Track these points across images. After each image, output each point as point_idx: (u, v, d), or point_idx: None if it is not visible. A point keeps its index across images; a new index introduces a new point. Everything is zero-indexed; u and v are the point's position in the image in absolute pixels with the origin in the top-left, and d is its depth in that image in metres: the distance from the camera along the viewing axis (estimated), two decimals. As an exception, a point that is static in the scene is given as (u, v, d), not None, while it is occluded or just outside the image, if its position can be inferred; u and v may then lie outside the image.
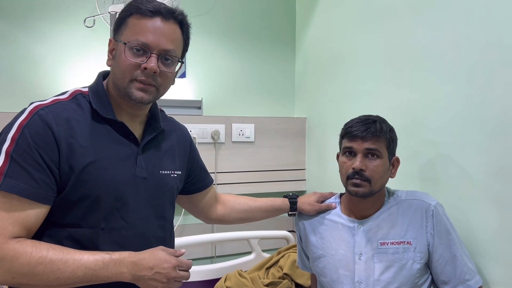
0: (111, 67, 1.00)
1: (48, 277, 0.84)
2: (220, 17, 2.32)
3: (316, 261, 1.32)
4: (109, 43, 1.01)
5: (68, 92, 0.99)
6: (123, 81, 0.95)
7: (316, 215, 1.35)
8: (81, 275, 0.86)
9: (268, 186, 2.29)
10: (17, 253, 0.83)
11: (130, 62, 0.94)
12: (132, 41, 0.94)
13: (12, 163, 0.85)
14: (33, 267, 0.83)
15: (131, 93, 0.95)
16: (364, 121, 1.21)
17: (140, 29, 0.94)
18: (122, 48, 0.95)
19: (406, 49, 1.59)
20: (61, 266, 0.85)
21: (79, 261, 0.87)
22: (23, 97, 1.90)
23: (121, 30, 0.98)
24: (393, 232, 1.21)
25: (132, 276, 0.91)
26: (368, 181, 1.18)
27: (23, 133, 0.86)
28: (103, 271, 0.88)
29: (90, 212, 0.93)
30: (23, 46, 1.95)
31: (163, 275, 0.93)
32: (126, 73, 0.95)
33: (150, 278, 0.92)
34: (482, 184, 1.27)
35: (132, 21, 0.96)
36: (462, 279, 1.18)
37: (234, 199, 1.37)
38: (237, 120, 2.24)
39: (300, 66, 2.47)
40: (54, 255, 0.85)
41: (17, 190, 0.84)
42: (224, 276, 1.79)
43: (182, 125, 1.24)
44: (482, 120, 1.27)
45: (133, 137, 1.01)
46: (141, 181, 1.01)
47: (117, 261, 0.90)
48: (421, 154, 1.51)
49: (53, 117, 0.90)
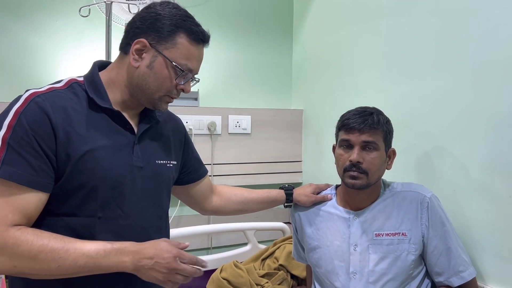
0: (140, 71, 0.97)
1: (50, 265, 0.83)
2: (217, 8, 2.30)
3: (311, 252, 1.32)
4: (137, 42, 0.96)
5: (64, 81, 0.98)
6: (156, 93, 0.99)
7: (312, 207, 1.36)
8: (83, 264, 0.86)
9: (265, 178, 2.29)
10: (18, 240, 0.82)
11: (173, 83, 0.99)
12: (182, 65, 0.97)
13: (10, 150, 0.84)
14: (34, 255, 0.82)
15: (159, 105, 1.01)
16: (361, 113, 1.20)
17: (190, 55, 0.99)
18: (168, 64, 0.97)
19: (403, 42, 1.59)
20: (63, 254, 0.84)
21: (81, 250, 0.86)
22: (19, 87, 1.84)
23: (165, 44, 0.96)
24: (388, 224, 1.22)
25: (133, 265, 0.90)
26: (365, 173, 1.18)
27: (20, 120, 0.85)
28: (105, 260, 0.87)
29: (87, 201, 0.92)
30: (19, 36, 1.93)
31: (162, 265, 0.91)
32: (164, 89, 0.99)
33: (150, 267, 0.90)
34: (478, 177, 1.28)
35: (182, 42, 0.97)
36: (456, 271, 1.19)
37: (230, 190, 1.37)
38: (233, 111, 2.24)
39: (297, 58, 2.46)
40: (55, 243, 0.84)
41: (16, 178, 0.84)
42: (220, 267, 1.79)
43: (176, 116, 1.24)
44: (479, 113, 1.28)
45: (129, 126, 1.01)
46: (137, 171, 1.00)
47: (119, 250, 0.89)
48: (418, 146, 1.51)
49: (50, 104, 0.89)
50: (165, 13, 0.97)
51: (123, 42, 1.01)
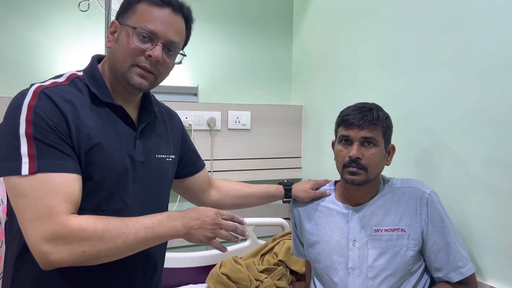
0: (111, 49, 0.99)
1: (116, 242, 0.85)
2: (217, 3, 2.29)
3: (310, 248, 1.32)
4: (110, 25, 1.00)
5: (65, 76, 0.98)
6: (123, 65, 0.96)
7: (311, 202, 1.36)
8: (143, 235, 0.89)
9: (264, 174, 2.29)
10: (82, 225, 0.83)
11: (135, 46, 0.94)
12: (140, 27, 0.94)
13: (39, 144, 0.84)
14: (101, 235, 0.84)
15: (130, 78, 0.96)
16: (361, 109, 1.20)
17: (150, 17, 0.95)
18: (129, 32, 0.95)
19: (404, 38, 1.58)
20: (124, 229, 0.87)
21: (138, 223, 0.89)
22: (17, 82, 1.88)
23: (127, 14, 0.97)
24: (387, 219, 1.22)
25: (184, 228, 0.94)
26: (365, 169, 1.18)
27: (37, 113, 0.85)
28: (160, 228, 0.91)
29: (93, 194, 0.93)
30: (17, 31, 1.92)
31: (208, 222, 0.96)
32: (128, 57, 0.95)
33: (199, 227, 0.95)
34: (477, 173, 1.28)
35: (141, 7, 0.96)
36: (455, 266, 1.19)
37: (229, 184, 1.38)
38: (233, 107, 2.23)
39: (297, 53, 2.46)
40: (114, 221, 0.87)
41: (57, 168, 0.84)
42: (219, 263, 1.80)
43: (173, 110, 1.25)
44: (479, 109, 1.27)
45: (130, 121, 1.02)
46: (139, 165, 1.01)
47: (169, 216, 0.94)
48: (417, 142, 1.51)
49: (58, 98, 0.89)
50: None
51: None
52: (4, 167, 0.84)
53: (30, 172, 0.82)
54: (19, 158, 0.82)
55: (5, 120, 0.87)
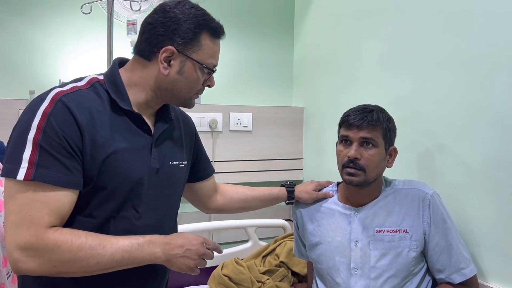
0: (170, 78, 0.98)
1: (89, 262, 0.85)
2: (218, 4, 2.28)
3: (312, 249, 1.33)
4: (165, 50, 0.95)
5: (86, 79, 0.97)
6: (187, 95, 1.02)
7: (313, 203, 1.36)
8: (119, 258, 0.87)
9: (265, 175, 2.29)
10: (58, 241, 0.83)
11: (201, 82, 1.01)
12: (209, 65, 1.00)
13: (43, 153, 0.83)
14: (75, 254, 0.84)
15: (190, 104, 1.05)
16: (361, 110, 1.21)
17: (213, 52, 1.01)
18: (196, 67, 0.99)
19: (406, 39, 1.58)
20: (101, 250, 0.86)
21: (116, 245, 0.88)
22: (20, 84, 1.88)
23: (192, 48, 0.97)
24: (390, 220, 1.22)
25: (165, 255, 0.93)
26: (363, 170, 1.18)
27: (49, 121, 0.85)
28: (139, 252, 0.90)
29: (106, 202, 0.93)
30: (20, 33, 1.92)
31: (193, 251, 0.95)
32: (194, 89, 1.02)
33: (181, 255, 0.94)
34: (479, 174, 1.28)
35: (206, 43, 0.99)
36: (457, 268, 1.19)
37: (232, 189, 1.37)
38: (234, 109, 2.23)
39: (298, 55, 2.46)
40: (92, 240, 0.86)
41: (52, 180, 0.84)
42: (221, 264, 1.79)
43: (187, 114, 1.24)
44: (480, 110, 1.27)
45: (147, 128, 1.01)
46: (154, 172, 1.01)
47: (150, 241, 0.92)
48: (419, 143, 1.51)
49: (76, 105, 0.88)
50: (185, 16, 0.97)
51: (146, 49, 0.98)
52: (4, 168, 0.85)
53: (25, 179, 0.82)
54: (20, 161, 0.83)
55: (19, 122, 0.88)
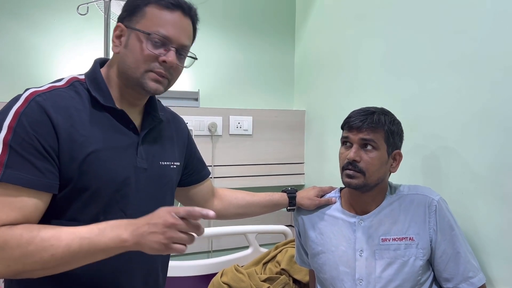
0: (120, 54, 0.96)
1: (42, 256, 0.78)
2: (218, 7, 2.28)
3: (315, 258, 1.29)
4: (115, 29, 0.96)
5: (65, 79, 0.95)
6: (137, 71, 0.93)
7: (316, 210, 1.33)
8: (77, 247, 0.80)
9: (266, 180, 2.27)
10: (6, 238, 0.78)
11: (149, 53, 0.92)
12: (154, 32, 0.92)
13: (12, 153, 0.81)
14: (24, 248, 0.78)
15: (145, 83, 0.94)
16: (363, 112, 1.19)
17: (162, 21, 0.93)
18: (140, 37, 0.92)
19: (408, 41, 1.56)
20: (54, 241, 0.79)
21: (73, 233, 0.81)
22: (16, 86, 1.85)
23: (135, 18, 0.94)
24: (395, 228, 1.19)
25: (132, 236, 0.82)
26: (362, 172, 1.16)
27: (21, 120, 0.82)
28: (100, 237, 0.81)
29: (89, 205, 0.90)
30: (15, 35, 1.91)
31: (160, 224, 0.81)
32: (142, 63, 0.93)
33: (149, 232, 0.81)
34: (486, 179, 1.25)
35: (151, 11, 0.93)
36: (466, 277, 1.16)
37: (231, 193, 1.35)
38: (234, 112, 2.21)
39: (299, 58, 2.44)
40: (45, 233, 0.80)
41: (21, 181, 0.80)
42: (220, 271, 1.77)
43: (179, 116, 1.22)
44: (487, 114, 1.25)
45: (133, 126, 0.98)
46: (141, 172, 0.98)
47: (114, 225, 0.83)
48: (424, 148, 1.48)
49: (51, 104, 0.86)
50: None
51: None
52: None
53: None
54: None
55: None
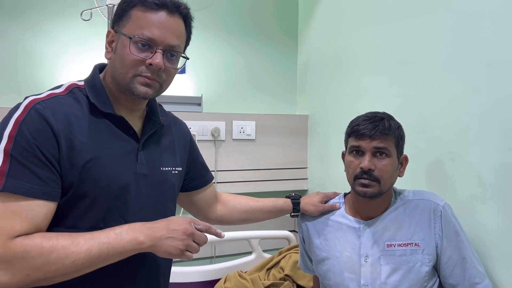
0: (111, 60, 0.96)
1: (64, 263, 0.80)
2: (221, 12, 2.28)
3: (320, 264, 1.28)
4: (107, 35, 0.96)
5: (64, 86, 0.95)
6: (125, 76, 0.92)
7: (320, 216, 1.32)
8: (97, 251, 0.82)
9: (269, 185, 2.26)
10: (27, 248, 0.79)
11: (134, 57, 0.91)
12: (137, 35, 0.90)
13: (13, 162, 0.80)
14: (46, 257, 0.79)
15: (134, 88, 0.92)
16: (372, 119, 1.17)
17: (145, 23, 0.91)
18: (126, 41, 0.91)
19: (412, 45, 1.56)
20: (74, 248, 0.81)
21: (91, 239, 0.83)
22: (19, 92, 1.83)
23: (122, 22, 0.93)
24: (400, 234, 1.18)
25: (149, 239, 0.86)
26: (377, 181, 1.14)
27: (21, 129, 0.82)
28: (118, 241, 0.84)
29: (89, 212, 0.89)
30: (19, 40, 1.91)
31: (180, 231, 0.88)
32: (129, 68, 0.92)
33: (167, 237, 0.87)
34: (492, 184, 1.24)
35: (136, 14, 0.92)
36: (472, 283, 1.15)
37: (235, 199, 1.34)
38: (237, 117, 2.21)
39: (302, 62, 2.44)
40: (64, 240, 0.81)
41: (23, 191, 0.80)
42: (224, 277, 1.76)
43: (181, 120, 1.21)
44: (492, 118, 1.24)
45: (132, 132, 0.98)
46: (142, 179, 0.97)
47: (129, 228, 0.87)
48: (429, 152, 1.47)
49: (51, 112, 0.86)
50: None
51: None
52: None
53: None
54: None
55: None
